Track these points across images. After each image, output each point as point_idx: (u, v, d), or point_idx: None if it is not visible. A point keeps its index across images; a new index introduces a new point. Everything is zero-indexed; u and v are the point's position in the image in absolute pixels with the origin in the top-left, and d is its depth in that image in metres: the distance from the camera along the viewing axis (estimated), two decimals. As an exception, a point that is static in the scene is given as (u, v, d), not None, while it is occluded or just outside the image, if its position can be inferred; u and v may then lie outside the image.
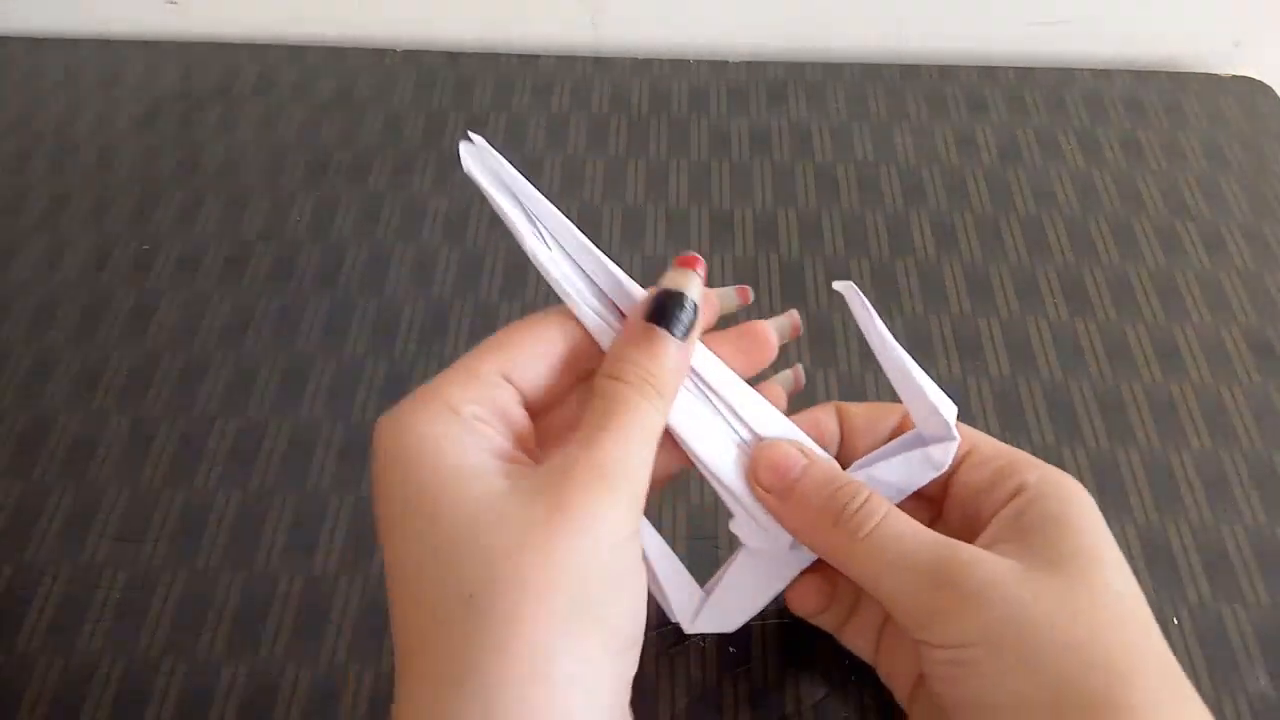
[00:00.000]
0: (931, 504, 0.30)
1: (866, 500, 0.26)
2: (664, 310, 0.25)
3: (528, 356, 0.25)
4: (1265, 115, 0.52)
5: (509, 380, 0.25)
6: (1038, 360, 0.41)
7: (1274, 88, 0.53)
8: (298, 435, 0.38)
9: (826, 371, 0.41)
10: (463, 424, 0.23)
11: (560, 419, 0.27)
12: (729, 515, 0.29)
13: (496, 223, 0.46)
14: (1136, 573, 0.35)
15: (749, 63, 0.54)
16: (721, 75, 0.53)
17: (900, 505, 0.27)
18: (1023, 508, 0.26)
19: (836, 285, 0.29)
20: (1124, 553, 0.35)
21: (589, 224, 0.46)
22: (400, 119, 0.51)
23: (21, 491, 0.37)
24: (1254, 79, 0.54)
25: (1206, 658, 0.33)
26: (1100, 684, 0.23)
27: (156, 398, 0.40)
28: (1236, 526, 0.36)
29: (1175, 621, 0.34)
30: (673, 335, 0.25)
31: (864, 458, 0.29)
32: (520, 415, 0.25)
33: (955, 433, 0.28)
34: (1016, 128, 0.51)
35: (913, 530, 0.26)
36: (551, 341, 0.26)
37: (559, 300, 0.27)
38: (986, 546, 0.26)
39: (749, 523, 0.29)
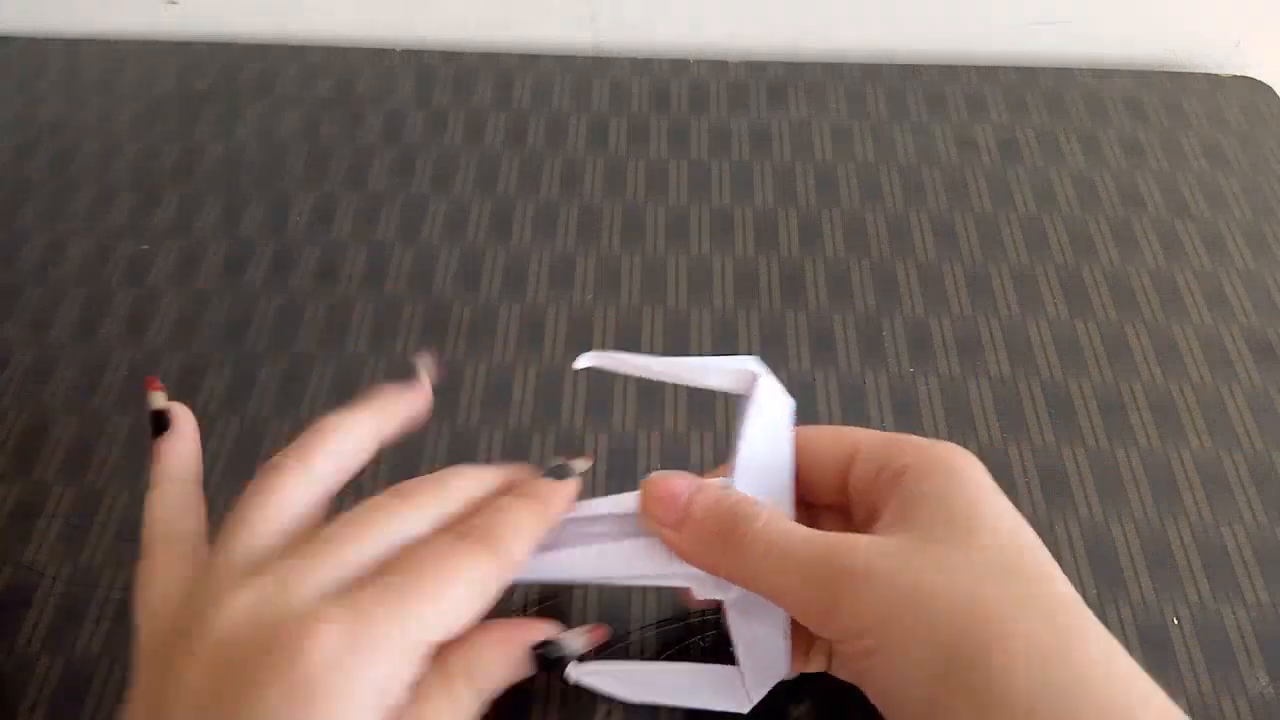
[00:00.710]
0: (841, 513, 0.30)
1: (751, 510, 0.27)
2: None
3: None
4: (1265, 115, 0.52)
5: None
6: (1038, 360, 0.41)
7: (1274, 88, 0.53)
8: (298, 435, 0.38)
9: (826, 372, 0.41)
10: None
11: None
12: (683, 591, 0.29)
13: (496, 223, 0.46)
14: (1136, 573, 0.35)
15: (749, 63, 0.54)
16: (721, 75, 0.53)
17: (814, 519, 0.28)
18: (905, 490, 0.27)
19: (577, 365, 0.30)
20: (1124, 552, 0.36)
21: (589, 224, 0.46)
22: (400, 119, 0.51)
23: (21, 491, 0.37)
24: (1254, 79, 0.54)
25: (1206, 658, 0.33)
26: (980, 642, 0.23)
27: (156, 398, 0.40)
28: (1236, 526, 0.36)
29: (1175, 621, 0.34)
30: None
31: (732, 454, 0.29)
32: None
33: (762, 369, 0.30)
34: (1016, 128, 0.51)
35: (795, 529, 0.26)
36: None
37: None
38: (876, 534, 0.26)
39: (705, 582, 0.29)
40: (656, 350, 0.41)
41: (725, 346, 0.41)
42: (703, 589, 0.29)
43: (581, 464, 0.29)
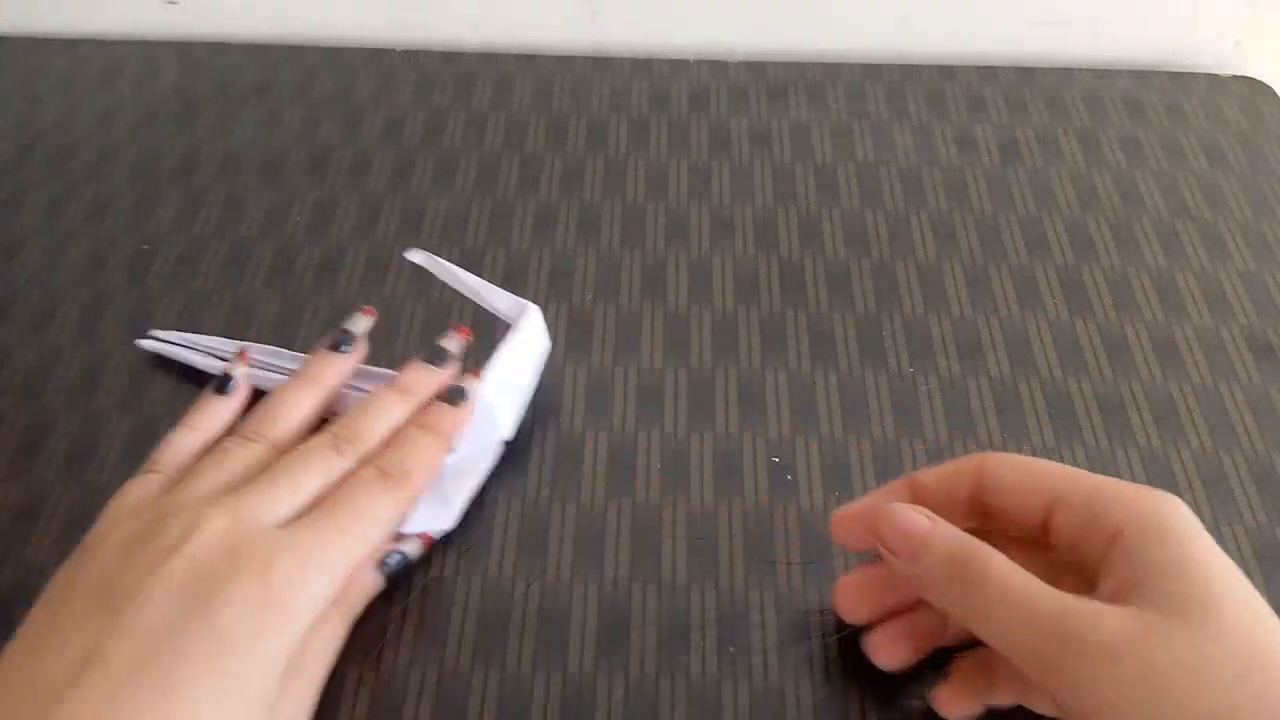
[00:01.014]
0: (1040, 553, 0.30)
1: (987, 557, 0.27)
2: None
3: None
4: (1265, 115, 0.52)
5: None
6: (1038, 360, 0.41)
7: (1274, 88, 0.53)
8: (298, 435, 0.38)
9: (826, 372, 0.41)
10: None
11: None
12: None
13: (495, 223, 0.46)
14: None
15: (749, 63, 0.54)
16: (721, 75, 0.53)
17: (1009, 554, 0.28)
18: (1126, 554, 0.26)
19: (411, 256, 0.38)
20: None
21: (589, 223, 0.46)
22: (400, 119, 0.51)
23: (21, 491, 0.37)
24: (1254, 79, 0.54)
25: (1206, 658, 0.33)
26: None
27: (157, 398, 0.40)
28: (1236, 526, 0.36)
29: (1175, 622, 0.34)
30: None
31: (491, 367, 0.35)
32: None
33: (529, 306, 0.37)
34: (1016, 128, 0.51)
35: (1030, 580, 0.26)
36: None
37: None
38: (1105, 600, 0.26)
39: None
40: (658, 351, 0.41)
41: (725, 346, 0.41)
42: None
43: (455, 344, 0.36)
